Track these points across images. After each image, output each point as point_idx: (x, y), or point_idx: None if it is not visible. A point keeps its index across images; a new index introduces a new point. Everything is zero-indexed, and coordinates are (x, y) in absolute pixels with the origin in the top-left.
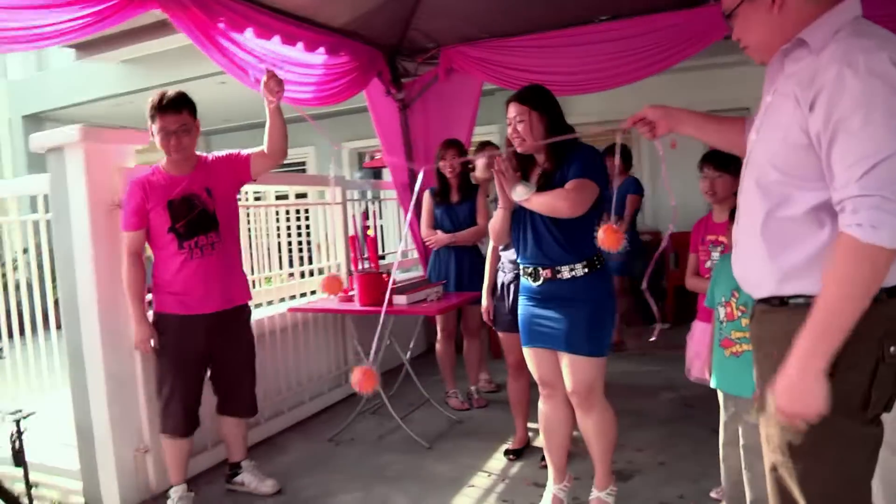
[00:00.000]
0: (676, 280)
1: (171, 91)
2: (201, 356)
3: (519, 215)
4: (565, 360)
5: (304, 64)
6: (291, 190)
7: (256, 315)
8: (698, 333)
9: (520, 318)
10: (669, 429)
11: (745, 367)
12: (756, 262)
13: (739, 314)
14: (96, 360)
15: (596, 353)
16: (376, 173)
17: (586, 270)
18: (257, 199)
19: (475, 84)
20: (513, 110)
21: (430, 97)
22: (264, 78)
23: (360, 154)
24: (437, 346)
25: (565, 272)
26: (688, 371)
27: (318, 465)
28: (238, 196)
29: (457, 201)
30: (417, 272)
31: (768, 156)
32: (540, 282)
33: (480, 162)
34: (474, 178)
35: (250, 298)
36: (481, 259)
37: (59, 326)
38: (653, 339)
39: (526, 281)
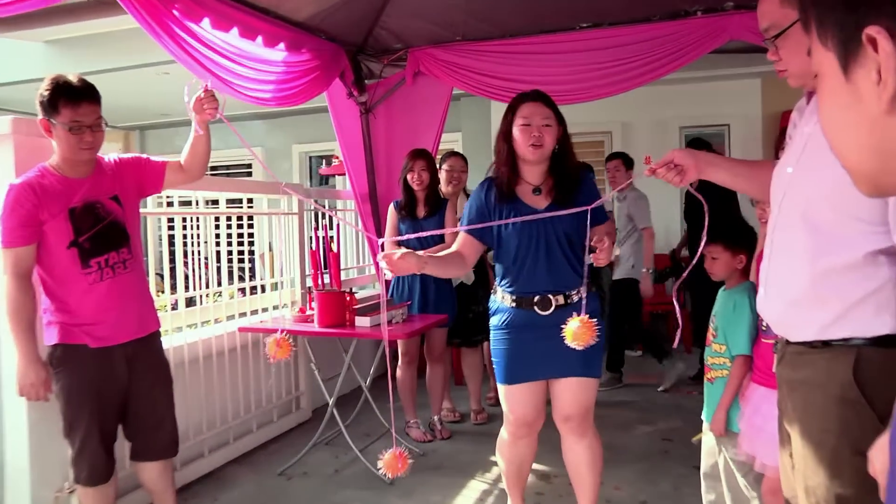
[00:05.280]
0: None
1: (73, 76)
2: (120, 393)
3: (528, 242)
4: (570, 385)
5: (263, 60)
6: (233, 196)
7: (201, 335)
8: (757, 401)
9: (512, 353)
10: (647, 465)
11: (716, 394)
12: (801, 304)
13: (712, 339)
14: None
15: (598, 375)
16: (325, 180)
17: (590, 290)
18: (187, 203)
19: (445, 90)
20: (542, 111)
21: (395, 102)
22: (199, 93)
23: (311, 158)
24: (399, 371)
25: (574, 296)
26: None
27: (268, 502)
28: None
29: (424, 216)
30: (375, 290)
31: (820, 191)
32: (550, 310)
33: None
34: (443, 192)
35: (160, 324)
36: (448, 280)
37: None
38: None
39: (526, 312)
